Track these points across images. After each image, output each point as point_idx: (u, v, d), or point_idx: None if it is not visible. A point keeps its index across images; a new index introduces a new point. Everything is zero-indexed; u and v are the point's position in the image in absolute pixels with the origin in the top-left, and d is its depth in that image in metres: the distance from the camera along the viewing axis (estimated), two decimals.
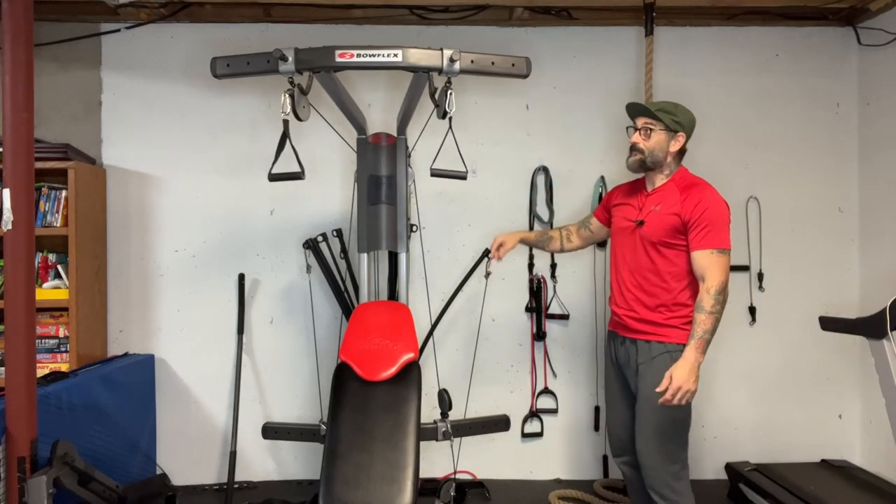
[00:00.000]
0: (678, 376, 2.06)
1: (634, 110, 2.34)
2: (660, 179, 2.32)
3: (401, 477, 2.04)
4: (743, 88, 3.24)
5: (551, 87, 3.23)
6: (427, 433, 2.70)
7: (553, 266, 3.24)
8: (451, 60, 2.13)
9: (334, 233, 3.00)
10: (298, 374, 3.20)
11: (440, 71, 2.16)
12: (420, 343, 2.79)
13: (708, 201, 2.17)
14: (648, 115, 2.29)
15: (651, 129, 2.27)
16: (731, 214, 2.22)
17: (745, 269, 3.23)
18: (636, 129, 2.32)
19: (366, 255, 2.76)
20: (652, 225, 2.25)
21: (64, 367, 2.84)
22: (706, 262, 2.13)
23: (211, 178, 3.18)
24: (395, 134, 2.75)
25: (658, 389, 2.08)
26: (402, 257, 2.76)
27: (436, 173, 2.30)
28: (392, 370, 2.27)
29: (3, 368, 2.58)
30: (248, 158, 3.16)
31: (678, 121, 2.26)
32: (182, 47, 3.18)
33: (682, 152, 2.32)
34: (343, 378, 2.29)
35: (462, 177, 2.31)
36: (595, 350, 3.24)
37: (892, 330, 2.01)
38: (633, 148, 2.31)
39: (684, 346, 2.14)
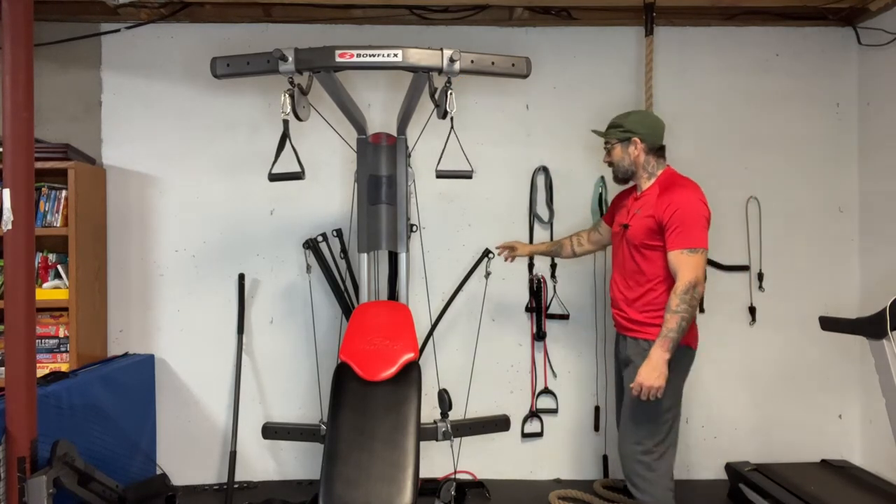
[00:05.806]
0: (642, 374, 2.14)
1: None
2: (645, 182, 2.39)
3: (401, 477, 2.05)
4: (743, 88, 3.24)
5: (551, 87, 3.23)
6: (427, 433, 2.71)
7: (553, 266, 3.24)
8: (451, 60, 2.13)
9: (334, 233, 3.01)
10: (298, 374, 3.19)
11: (440, 71, 2.16)
12: (420, 343, 2.79)
13: (679, 201, 2.20)
14: (602, 136, 2.47)
15: (608, 147, 2.45)
16: (709, 213, 2.24)
17: (745, 269, 3.23)
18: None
19: (366, 255, 2.76)
20: (634, 228, 2.33)
21: (64, 367, 2.84)
22: (676, 262, 2.18)
23: (211, 178, 3.18)
24: (395, 134, 2.75)
25: (630, 387, 2.18)
26: (402, 257, 2.76)
27: (441, 174, 2.31)
28: (392, 370, 2.27)
29: (3, 368, 2.58)
30: (248, 158, 3.16)
31: (626, 129, 2.36)
32: (182, 47, 3.18)
33: (656, 151, 2.37)
34: (343, 378, 2.29)
35: (468, 176, 2.33)
36: (595, 350, 3.24)
37: (892, 330, 2.01)
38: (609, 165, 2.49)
39: None
